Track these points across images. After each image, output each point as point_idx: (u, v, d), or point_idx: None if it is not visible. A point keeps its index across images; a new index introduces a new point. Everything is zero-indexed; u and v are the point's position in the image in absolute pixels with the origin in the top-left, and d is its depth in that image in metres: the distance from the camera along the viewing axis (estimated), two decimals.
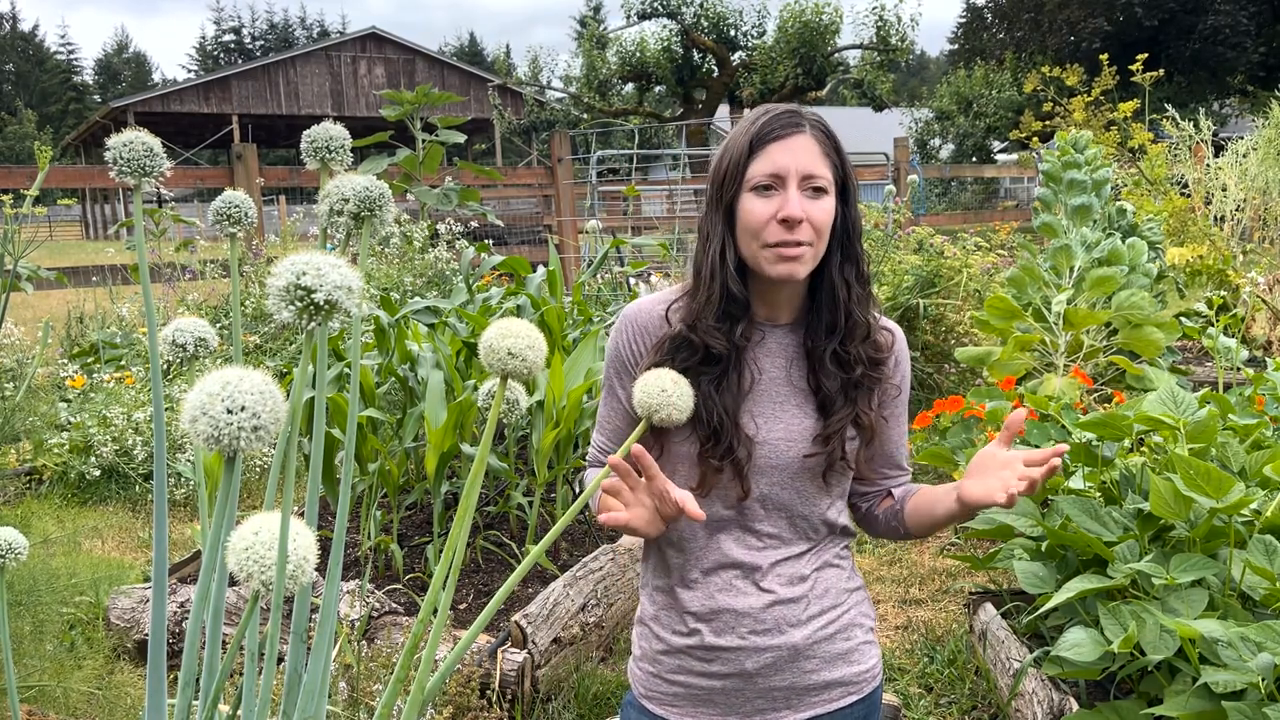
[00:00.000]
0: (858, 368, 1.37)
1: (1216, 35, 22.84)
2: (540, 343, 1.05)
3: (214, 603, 0.99)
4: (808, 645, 1.39)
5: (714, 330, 1.35)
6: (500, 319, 1.07)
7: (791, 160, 1.31)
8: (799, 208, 1.29)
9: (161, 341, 1.11)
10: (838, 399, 1.37)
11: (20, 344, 5.11)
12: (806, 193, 1.31)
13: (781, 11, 18.23)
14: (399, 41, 30.65)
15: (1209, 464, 1.90)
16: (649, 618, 1.48)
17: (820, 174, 1.31)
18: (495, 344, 1.04)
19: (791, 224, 1.29)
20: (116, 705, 2.48)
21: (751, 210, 1.32)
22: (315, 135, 1.10)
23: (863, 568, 3.54)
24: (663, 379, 1.19)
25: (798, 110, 1.35)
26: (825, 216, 1.32)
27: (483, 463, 1.04)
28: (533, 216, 11.15)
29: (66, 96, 75.10)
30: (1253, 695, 1.68)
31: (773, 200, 1.31)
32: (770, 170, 1.31)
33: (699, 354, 1.36)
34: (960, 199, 21.57)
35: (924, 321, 5.24)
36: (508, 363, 1.03)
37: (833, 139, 1.35)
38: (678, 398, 1.18)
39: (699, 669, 1.41)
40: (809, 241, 1.31)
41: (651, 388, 1.18)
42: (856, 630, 1.45)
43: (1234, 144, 6.44)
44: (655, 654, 1.45)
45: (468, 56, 73.69)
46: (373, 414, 3.08)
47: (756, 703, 1.40)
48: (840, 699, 1.41)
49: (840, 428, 1.37)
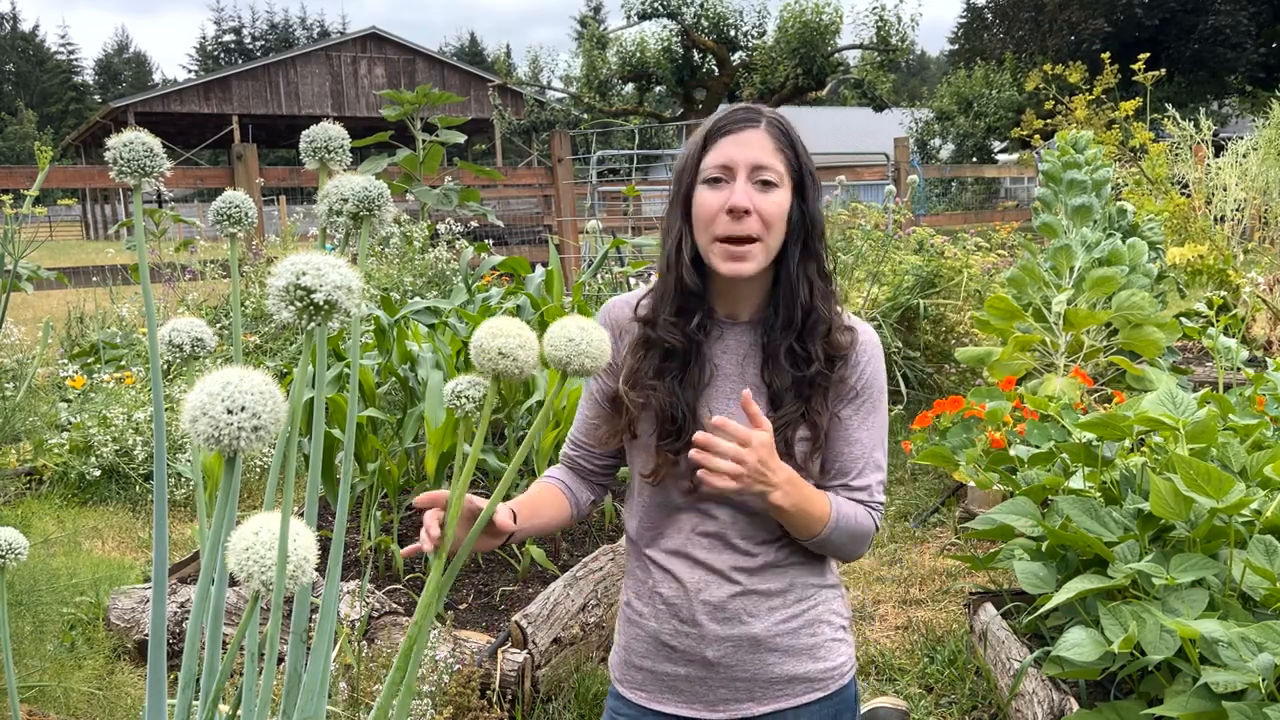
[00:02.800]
0: (812, 365, 1.36)
1: (1217, 35, 22.83)
2: (532, 341, 1.02)
3: (214, 603, 0.99)
4: (769, 637, 1.40)
5: (670, 324, 1.37)
6: (491, 318, 1.05)
7: (741, 152, 1.32)
8: (745, 199, 1.30)
9: (159, 342, 1.11)
10: (787, 395, 1.36)
11: (20, 344, 5.12)
12: (756, 185, 1.32)
13: (781, 11, 18.23)
14: (399, 41, 30.65)
15: (1209, 464, 1.90)
16: (625, 604, 1.52)
17: (771, 166, 1.32)
18: (485, 344, 1.01)
19: (737, 214, 1.30)
20: (116, 705, 2.48)
21: (702, 201, 1.34)
22: (314, 135, 1.10)
23: (863, 568, 3.54)
24: (567, 327, 1.05)
25: (757, 109, 1.36)
26: (774, 209, 1.32)
27: (474, 461, 1.03)
28: (533, 216, 11.16)
29: (67, 97, 75.13)
30: (1253, 695, 1.68)
31: (722, 192, 1.32)
32: (720, 162, 1.32)
33: (660, 350, 1.38)
34: (960, 199, 21.57)
35: (924, 321, 5.24)
36: (499, 363, 1.00)
37: (789, 135, 1.35)
38: (587, 344, 1.04)
39: (664, 655, 1.43)
40: (757, 234, 1.31)
41: (558, 338, 1.04)
42: (824, 626, 1.44)
43: (1234, 144, 6.44)
44: (628, 640, 1.49)
45: (468, 56, 73.69)
46: (373, 414, 3.08)
47: (720, 692, 1.41)
48: (804, 694, 1.42)
49: (787, 422, 1.36)
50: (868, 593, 3.35)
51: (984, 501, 3.72)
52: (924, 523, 3.95)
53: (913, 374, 5.11)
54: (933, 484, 4.38)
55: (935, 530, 3.91)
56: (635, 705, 1.46)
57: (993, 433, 2.97)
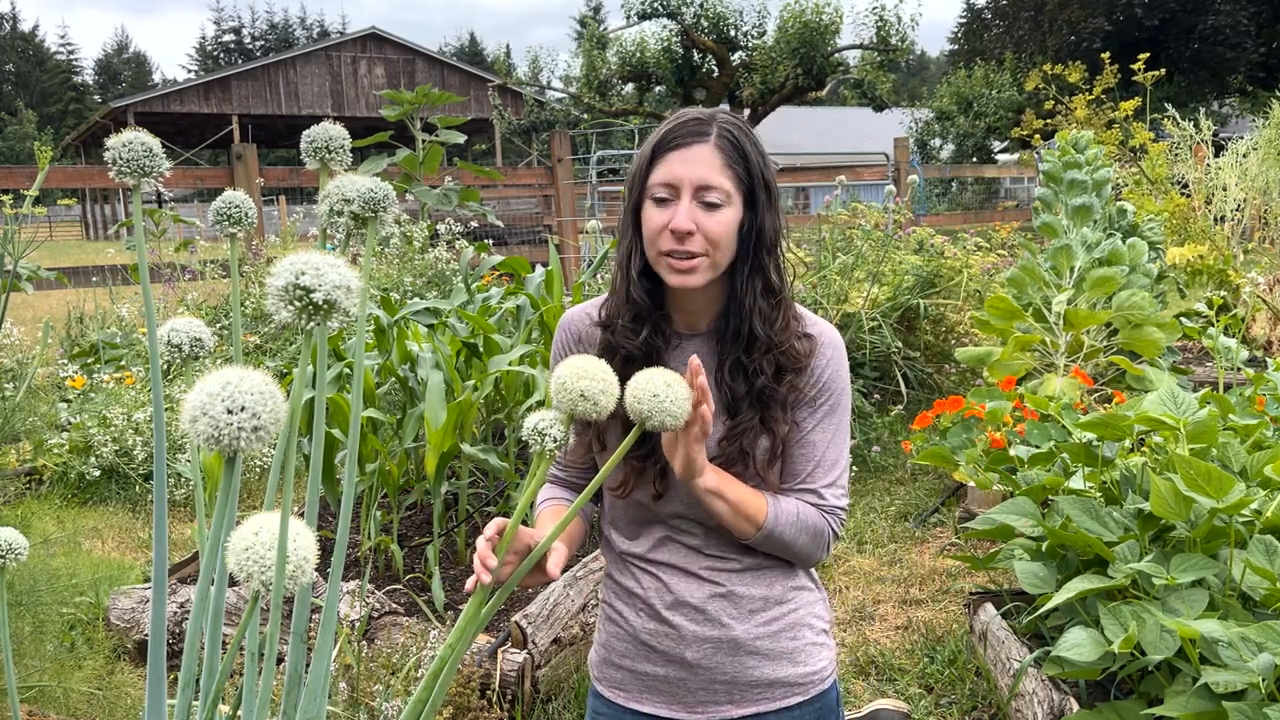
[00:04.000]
0: (759, 378, 1.34)
1: (1217, 35, 22.83)
2: (614, 387, 1.02)
3: (214, 603, 0.99)
4: (749, 640, 1.40)
5: (627, 331, 1.37)
6: (575, 357, 1.04)
7: (686, 171, 1.30)
8: (687, 220, 1.29)
9: (159, 342, 1.11)
10: (743, 404, 1.35)
11: (20, 344, 5.12)
12: (699, 205, 1.30)
13: (781, 11, 18.22)
14: (399, 42, 30.64)
15: (1209, 464, 1.90)
16: (604, 602, 1.51)
17: (717, 185, 1.30)
18: (570, 383, 1.01)
19: (680, 235, 1.29)
20: (116, 705, 2.48)
21: (649, 219, 1.33)
22: (315, 135, 1.10)
23: (863, 568, 3.54)
24: (654, 382, 1.06)
25: (708, 119, 1.33)
26: (719, 228, 1.30)
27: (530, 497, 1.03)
28: (533, 216, 11.15)
29: (66, 97, 75.12)
30: (1253, 695, 1.67)
31: (667, 210, 1.31)
32: (665, 180, 1.31)
33: (619, 355, 1.37)
34: (960, 199, 21.57)
35: (924, 321, 5.24)
36: (578, 404, 1.01)
37: (739, 148, 1.32)
38: (670, 402, 1.05)
39: (643, 655, 1.43)
40: (701, 252, 1.30)
41: (643, 392, 1.05)
42: (804, 630, 1.44)
43: (1234, 144, 6.44)
44: (607, 639, 1.49)
45: (468, 56, 73.69)
46: (373, 414, 3.08)
47: (699, 694, 1.41)
48: (784, 698, 1.41)
49: (744, 430, 1.35)
50: (868, 593, 3.35)
51: (984, 501, 3.72)
52: (924, 523, 3.95)
53: (913, 374, 5.11)
54: (933, 484, 4.38)
55: (935, 530, 3.90)
56: (614, 704, 1.47)
57: (993, 433, 2.97)
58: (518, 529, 1.12)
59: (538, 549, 1.12)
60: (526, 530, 1.24)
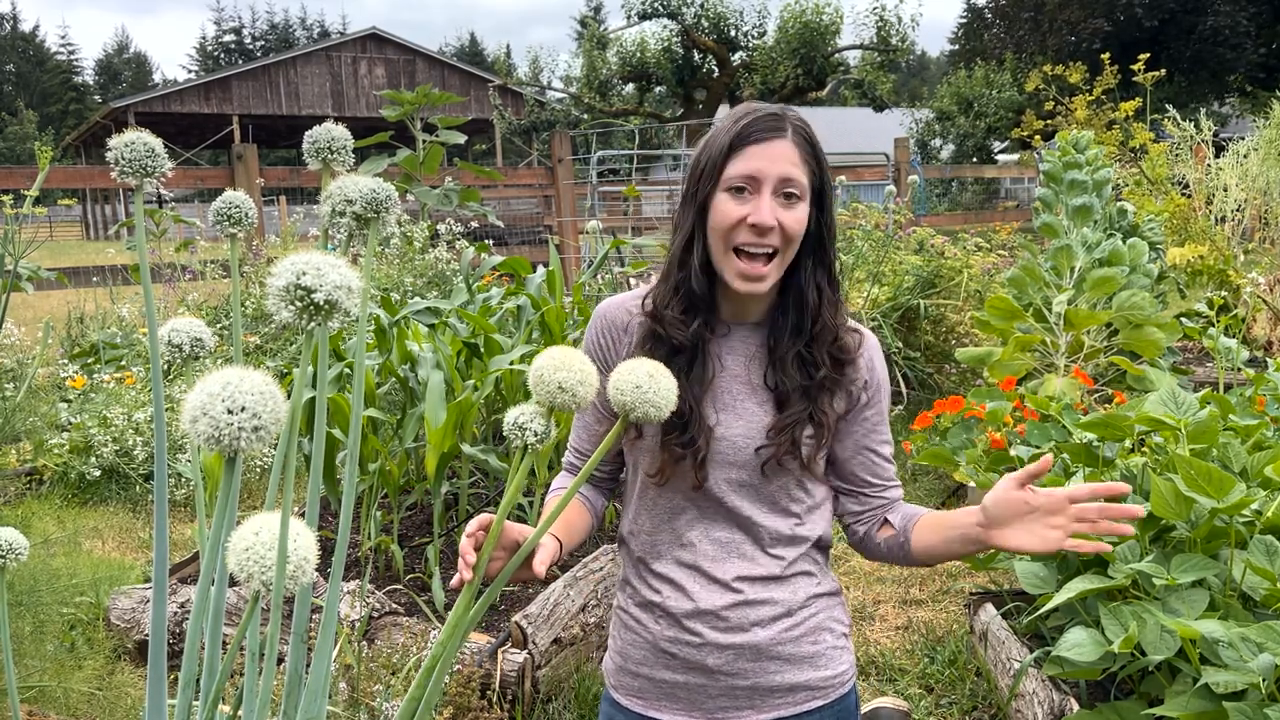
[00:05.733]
0: (820, 370, 1.37)
1: (1217, 36, 22.82)
2: (593, 378, 1.00)
3: (214, 603, 0.99)
4: (771, 645, 1.39)
5: (677, 322, 1.37)
6: (553, 348, 1.02)
7: (769, 165, 1.30)
8: (770, 215, 1.29)
9: (159, 342, 1.11)
10: (794, 395, 1.37)
11: (20, 344, 5.12)
12: (780, 199, 1.31)
13: (782, 12, 18.24)
14: (399, 42, 30.65)
15: (1210, 464, 1.90)
16: (619, 609, 1.50)
17: (797, 180, 1.31)
18: (547, 375, 0.99)
19: (762, 230, 1.30)
20: (116, 705, 2.48)
21: (724, 210, 1.32)
22: (317, 136, 1.10)
23: (863, 568, 3.54)
24: (637, 372, 1.03)
25: (782, 114, 1.34)
26: (797, 225, 1.32)
27: (514, 495, 1.02)
28: (533, 217, 11.16)
29: (67, 97, 75.16)
30: (1253, 696, 1.67)
31: (746, 203, 1.31)
32: (747, 172, 1.31)
33: (665, 345, 1.37)
34: (961, 199, 21.57)
35: (924, 322, 5.24)
36: (556, 396, 0.99)
37: (814, 145, 1.34)
38: (654, 393, 1.02)
39: (663, 663, 1.42)
40: (777, 248, 1.31)
41: (625, 383, 1.02)
42: (825, 634, 1.43)
43: (1234, 144, 6.44)
44: (624, 646, 1.47)
45: (468, 56, 73.70)
46: (373, 414, 3.08)
47: (720, 701, 1.40)
48: (805, 703, 1.40)
49: (793, 421, 1.36)
50: (868, 593, 3.35)
51: None
52: None
53: (913, 374, 5.11)
54: (933, 484, 4.38)
55: None
56: (631, 712, 1.45)
57: (993, 433, 2.96)
58: (504, 524, 1.11)
59: (527, 542, 1.10)
60: (514, 525, 1.23)
